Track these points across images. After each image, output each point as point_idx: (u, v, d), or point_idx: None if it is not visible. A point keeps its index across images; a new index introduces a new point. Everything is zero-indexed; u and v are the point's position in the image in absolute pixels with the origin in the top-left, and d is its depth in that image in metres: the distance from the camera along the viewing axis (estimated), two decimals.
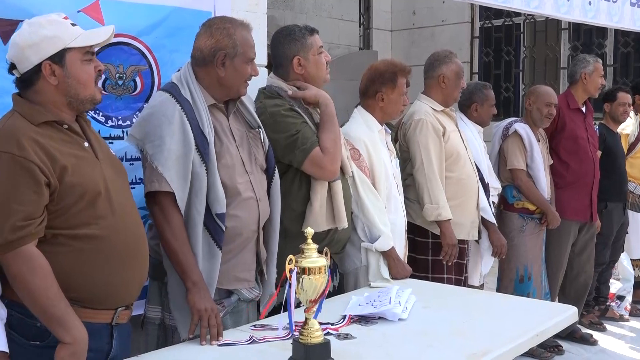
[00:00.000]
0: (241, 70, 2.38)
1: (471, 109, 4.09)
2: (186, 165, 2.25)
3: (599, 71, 4.62)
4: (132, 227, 2.06)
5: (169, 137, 2.25)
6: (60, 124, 1.97)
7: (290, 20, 8.06)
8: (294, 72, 2.75)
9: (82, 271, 1.93)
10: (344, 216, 2.77)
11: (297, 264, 1.90)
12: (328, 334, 2.10)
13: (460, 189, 3.58)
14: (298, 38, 2.75)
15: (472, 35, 9.13)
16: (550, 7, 4.87)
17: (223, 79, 2.37)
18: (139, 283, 2.12)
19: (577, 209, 4.56)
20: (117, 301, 2.03)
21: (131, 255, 2.04)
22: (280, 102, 2.70)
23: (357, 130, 3.10)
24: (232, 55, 2.35)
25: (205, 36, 2.38)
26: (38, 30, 1.96)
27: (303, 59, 2.74)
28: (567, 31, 8.53)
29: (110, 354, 2.05)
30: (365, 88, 3.20)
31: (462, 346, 2.09)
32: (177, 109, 2.28)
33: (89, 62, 2.02)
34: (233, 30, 2.37)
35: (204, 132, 2.30)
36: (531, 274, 4.30)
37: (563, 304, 2.91)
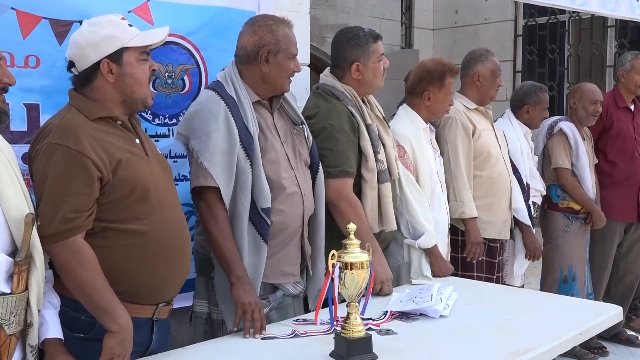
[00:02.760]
0: (284, 66, 2.42)
1: (522, 110, 4.05)
2: (231, 160, 2.30)
3: (637, 69, 4.52)
4: (176, 225, 2.11)
5: (214, 133, 2.30)
6: (114, 120, 2.05)
7: (332, 20, 8.11)
8: (351, 76, 2.78)
9: (128, 266, 1.99)
10: (393, 218, 2.81)
11: (340, 259, 1.93)
12: (370, 330, 2.13)
13: (491, 188, 3.55)
14: (361, 44, 2.77)
15: (515, 33, 9.05)
16: (596, 4, 4.80)
17: (267, 76, 2.42)
18: (181, 280, 2.18)
19: (623, 209, 4.49)
20: (159, 297, 2.09)
21: (175, 252, 2.09)
22: (335, 105, 2.71)
23: (402, 128, 3.13)
24: (275, 52, 2.40)
25: (249, 34, 2.43)
26: (98, 30, 2.04)
27: (362, 65, 2.76)
28: (614, 28, 8.39)
29: (150, 348, 2.11)
30: (413, 86, 3.21)
31: (504, 343, 2.09)
32: (222, 106, 2.34)
33: (145, 61, 2.10)
34: (275, 27, 2.42)
35: (248, 128, 2.35)
36: (576, 274, 4.25)
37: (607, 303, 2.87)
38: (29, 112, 2.48)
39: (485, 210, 3.51)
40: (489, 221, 3.53)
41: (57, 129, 1.95)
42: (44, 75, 2.50)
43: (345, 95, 2.74)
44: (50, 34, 2.52)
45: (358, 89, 2.80)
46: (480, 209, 3.47)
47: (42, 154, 1.92)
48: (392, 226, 2.80)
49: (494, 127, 3.72)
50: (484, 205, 3.50)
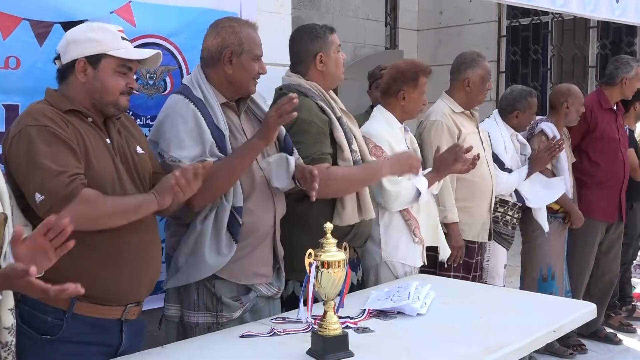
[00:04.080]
0: (248, 68, 2.44)
1: (512, 115, 4.08)
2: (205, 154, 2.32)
3: (639, 76, 4.58)
4: (146, 226, 2.13)
5: (186, 135, 2.32)
6: (85, 116, 2.08)
7: (316, 21, 8.09)
8: (315, 69, 2.80)
9: (94, 268, 2.02)
10: (371, 207, 2.84)
11: (317, 258, 1.96)
12: (347, 328, 2.16)
13: (473, 191, 3.60)
14: (320, 35, 2.80)
15: (499, 34, 9.11)
16: (577, 5, 4.85)
17: (231, 77, 2.44)
18: (151, 281, 2.21)
19: (605, 209, 4.54)
20: (127, 298, 2.12)
21: (144, 254, 2.13)
22: (303, 101, 2.72)
23: (379, 128, 3.15)
24: (238, 53, 2.42)
25: (212, 36, 2.46)
26: (88, 31, 2.11)
27: (325, 56, 2.79)
28: (596, 29, 8.47)
29: (120, 348, 2.13)
30: (387, 86, 3.24)
31: (479, 340, 2.13)
32: (190, 108, 2.36)
33: (123, 75, 2.12)
34: (239, 28, 2.44)
35: (219, 127, 2.37)
36: (554, 273, 4.30)
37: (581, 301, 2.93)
38: (8, 112, 2.49)
39: (465, 213, 3.55)
40: (468, 223, 3.58)
41: (30, 115, 2.00)
42: (24, 77, 2.51)
43: (312, 92, 2.76)
44: (30, 35, 2.53)
45: (323, 83, 2.81)
46: (461, 211, 3.51)
47: (20, 138, 1.95)
48: (371, 214, 2.84)
49: (479, 129, 3.75)
50: (464, 208, 3.54)
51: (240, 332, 2.20)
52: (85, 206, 1.92)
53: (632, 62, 4.57)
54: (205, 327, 2.40)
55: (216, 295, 2.40)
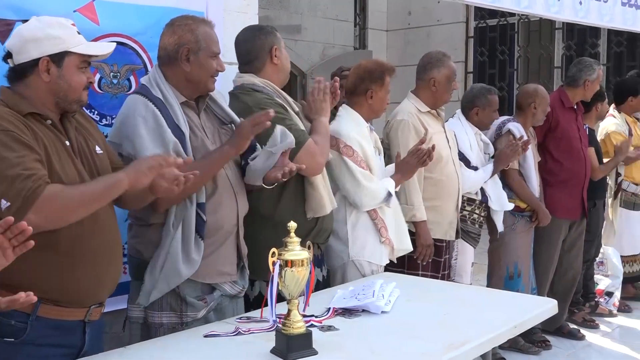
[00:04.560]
0: (206, 65, 2.43)
1: (472, 112, 4.13)
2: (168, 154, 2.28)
3: (599, 78, 4.67)
4: (107, 227, 2.12)
5: (147, 134, 2.31)
6: (44, 118, 2.04)
7: (285, 20, 8.13)
8: (271, 63, 2.81)
9: (56, 270, 1.99)
10: (333, 197, 2.89)
11: (280, 257, 1.97)
12: (312, 326, 2.17)
13: (440, 190, 3.63)
14: (271, 31, 2.85)
15: (467, 35, 9.21)
16: (541, 7, 4.93)
17: (189, 75, 2.43)
18: (113, 282, 2.19)
19: (569, 207, 4.62)
20: (89, 300, 2.10)
21: (105, 255, 2.11)
22: (261, 96, 2.75)
23: (348, 128, 3.17)
24: (195, 50, 2.41)
25: (168, 34, 2.45)
26: (46, 28, 2.04)
27: (278, 49, 2.82)
28: (561, 31, 8.61)
29: (83, 349, 2.12)
30: (354, 86, 3.26)
31: (442, 337, 2.15)
32: (150, 107, 2.34)
33: (84, 70, 2.09)
34: (195, 26, 2.43)
35: (180, 126, 2.36)
36: (521, 271, 4.36)
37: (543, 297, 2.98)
38: None
39: (433, 211, 3.57)
40: (436, 222, 3.61)
41: None
42: None
43: (267, 90, 2.78)
44: None
45: (278, 77, 2.84)
46: (428, 210, 3.53)
47: None
48: (335, 203, 2.89)
49: (445, 129, 3.78)
50: (431, 207, 3.57)
51: (204, 331, 2.20)
52: (53, 202, 1.89)
53: (594, 65, 4.66)
54: (169, 327, 2.38)
55: (180, 295, 2.39)
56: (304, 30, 8.32)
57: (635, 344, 4.67)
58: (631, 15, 5.79)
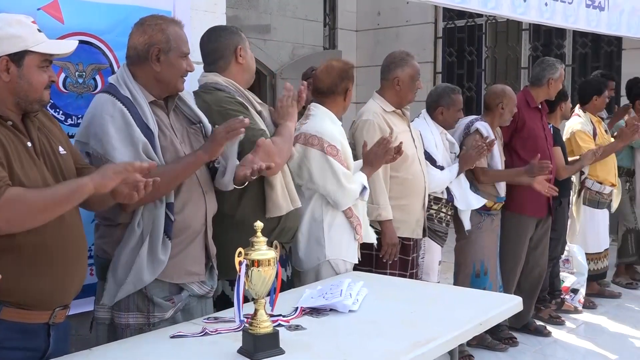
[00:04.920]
0: (177, 65, 2.43)
1: (437, 111, 4.15)
2: (139, 156, 2.29)
3: (562, 76, 4.75)
4: (71, 229, 2.09)
5: (115, 133, 2.29)
6: (4, 119, 2.00)
7: (254, 20, 8.12)
8: (237, 63, 2.82)
9: (20, 273, 1.96)
10: (296, 195, 2.90)
11: (247, 257, 1.97)
12: (279, 326, 2.18)
13: (406, 189, 3.65)
14: (236, 31, 2.85)
15: (435, 35, 9.29)
16: (507, 8, 4.99)
17: (159, 75, 2.42)
18: (78, 284, 2.17)
19: (535, 206, 4.68)
20: (54, 302, 2.08)
21: (70, 257, 2.08)
22: (222, 95, 2.75)
23: (328, 127, 3.19)
24: (166, 50, 2.40)
25: (138, 33, 2.43)
26: (4, 27, 2.00)
27: (243, 49, 2.83)
28: (528, 32, 8.73)
29: (48, 352, 2.09)
30: (334, 86, 3.27)
31: (409, 335, 2.17)
32: (118, 106, 2.33)
33: (45, 69, 2.06)
34: (165, 26, 2.43)
35: (148, 125, 2.35)
36: (487, 269, 4.41)
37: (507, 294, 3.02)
38: None
39: (400, 210, 3.60)
40: (403, 220, 3.63)
41: None
42: None
43: (230, 89, 2.78)
44: None
45: (242, 77, 2.84)
46: (395, 208, 3.56)
47: None
48: (298, 202, 2.90)
49: (410, 128, 3.81)
50: (398, 206, 3.59)
51: (171, 332, 2.18)
52: (14, 205, 1.86)
53: (557, 64, 4.74)
54: (136, 328, 2.37)
55: (147, 295, 2.37)
56: (274, 30, 8.32)
57: (599, 339, 4.76)
58: (595, 17, 5.90)
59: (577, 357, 4.48)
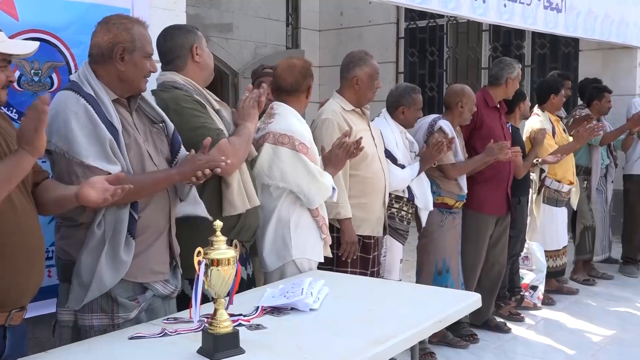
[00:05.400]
0: (140, 65, 2.42)
1: (398, 111, 4.18)
2: (105, 151, 2.27)
3: (519, 76, 4.83)
4: (28, 229, 2.06)
5: (79, 130, 2.26)
6: None
7: (216, 19, 8.07)
8: (193, 61, 2.80)
9: None
10: (255, 194, 2.89)
11: (206, 256, 1.95)
12: (240, 325, 2.17)
13: (366, 187, 3.67)
14: (190, 30, 2.84)
15: (397, 35, 9.35)
16: (467, 9, 5.06)
17: (123, 74, 2.40)
18: (35, 285, 2.13)
19: (495, 204, 4.75)
20: (11, 304, 2.05)
21: (27, 258, 2.05)
22: (180, 93, 2.73)
23: (296, 126, 3.19)
24: (130, 50, 2.39)
25: (103, 32, 2.41)
26: None
27: (200, 48, 2.81)
28: (488, 33, 8.85)
29: (4, 355, 2.06)
30: (298, 84, 3.27)
31: (368, 333, 2.18)
32: (81, 102, 2.30)
33: (3, 69, 2.02)
34: (130, 25, 2.41)
35: (112, 123, 2.32)
36: (449, 267, 4.45)
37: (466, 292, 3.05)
38: None
39: (360, 209, 3.61)
40: (363, 219, 3.64)
41: None
42: None
43: (187, 87, 2.77)
44: None
45: (199, 77, 2.83)
46: (355, 207, 3.57)
47: None
48: (256, 201, 2.89)
49: (370, 127, 3.82)
50: (358, 204, 3.61)
51: (130, 333, 2.16)
52: None
53: (514, 63, 4.82)
54: (100, 329, 2.34)
55: (111, 296, 2.34)
56: (236, 29, 8.28)
57: (558, 335, 4.85)
58: (553, 19, 6.02)
59: (537, 352, 4.55)
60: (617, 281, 6.33)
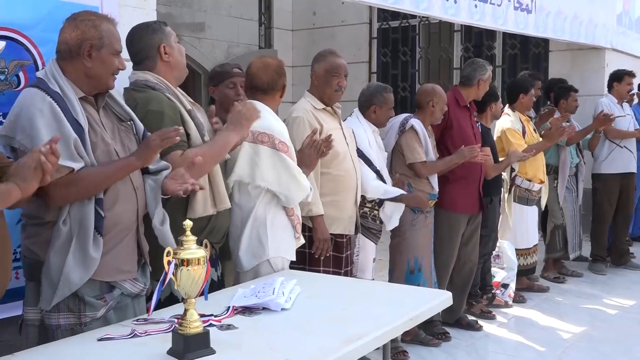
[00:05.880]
0: (108, 62, 2.40)
1: (370, 110, 4.19)
2: (69, 149, 2.24)
3: (490, 78, 4.88)
4: None
5: (44, 128, 2.23)
6: None
7: (188, 18, 8.02)
8: (162, 61, 2.77)
9: None
10: (226, 197, 2.86)
11: (176, 256, 1.94)
12: (210, 326, 2.15)
13: (338, 185, 3.67)
14: (158, 29, 2.80)
15: (370, 35, 9.38)
16: (439, 9, 5.09)
17: (90, 71, 2.38)
18: (1, 288, 2.10)
19: (467, 203, 4.79)
20: None
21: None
22: (153, 94, 2.70)
23: (278, 125, 3.19)
24: (98, 47, 2.37)
25: (71, 28, 2.38)
26: None
27: (168, 46, 2.78)
28: (460, 33, 8.91)
29: None
30: (274, 82, 3.26)
31: (340, 331, 2.18)
32: (47, 100, 2.27)
33: None
34: (99, 22, 2.39)
35: (79, 121, 2.30)
36: (422, 265, 4.48)
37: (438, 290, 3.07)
38: None
39: (332, 207, 3.61)
40: (336, 217, 3.64)
41: None
42: None
43: (160, 86, 2.74)
44: None
45: (171, 75, 2.80)
46: (327, 205, 3.57)
47: None
48: (227, 204, 2.86)
49: (342, 126, 3.83)
50: (330, 202, 3.61)
51: (99, 335, 2.13)
52: None
53: (486, 65, 4.86)
54: (67, 328, 2.31)
55: (78, 295, 2.31)
56: (208, 29, 8.23)
57: (529, 332, 4.90)
58: (523, 19, 6.08)
59: (508, 350, 4.59)
60: (586, 279, 6.43)
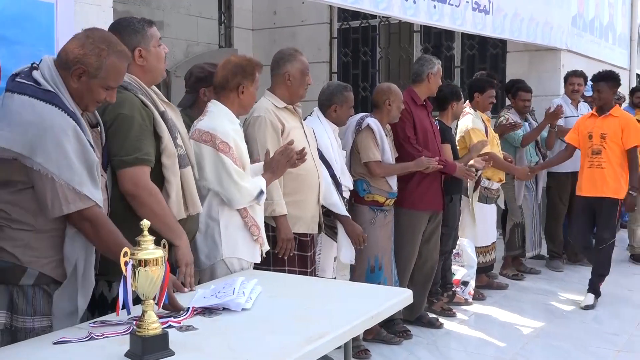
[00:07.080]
0: (95, 92, 2.35)
1: (330, 109, 4.20)
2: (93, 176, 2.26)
3: (440, 72, 4.91)
4: None
5: (73, 153, 2.22)
6: None
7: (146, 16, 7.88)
8: (135, 64, 2.68)
9: None
10: (198, 201, 2.83)
11: (133, 257, 1.90)
12: (169, 327, 2.12)
13: (300, 184, 3.66)
14: (139, 30, 2.71)
15: (331, 35, 9.39)
16: (398, 9, 5.12)
17: (74, 90, 2.32)
18: None
19: (429, 200, 4.82)
20: None
21: None
22: (126, 95, 2.63)
23: (222, 124, 3.12)
24: (91, 75, 2.31)
25: (78, 43, 2.32)
26: None
27: (145, 50, 2.70)
28: (419, 33, 8.99)
29: None
30: (225, 81, 3.21)
31: (301, 331, 2.17)
32: (71, 123, 2.24)
33: None
34: (107, 54, 2.32)
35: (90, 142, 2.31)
36: (382, 264, 4.50)
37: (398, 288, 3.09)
38: None
39: (295, 206, 3.60)
40: (298, 216, 3.64)
41: None
42: None
43: (132, 86, 2.67)
44: None
45: (144, 78, 2.73)
46: (290, 204, 3.56)
47: None
48: (198, 208, 2.84)
49: (303, 124, 3.82)
50: (293, 201, 3.60)
51: (54, 338, 2.08)
52: None
53: (434, 59, 4.91)
54: (39, 332, 2.27)
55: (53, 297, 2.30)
56: (167, 27, 8.14)
57: (488, 329, 4.96)
58: (481, 20, 6.16)
59: (469, 347, 4.64)
60: (544, 275, 6.54)
